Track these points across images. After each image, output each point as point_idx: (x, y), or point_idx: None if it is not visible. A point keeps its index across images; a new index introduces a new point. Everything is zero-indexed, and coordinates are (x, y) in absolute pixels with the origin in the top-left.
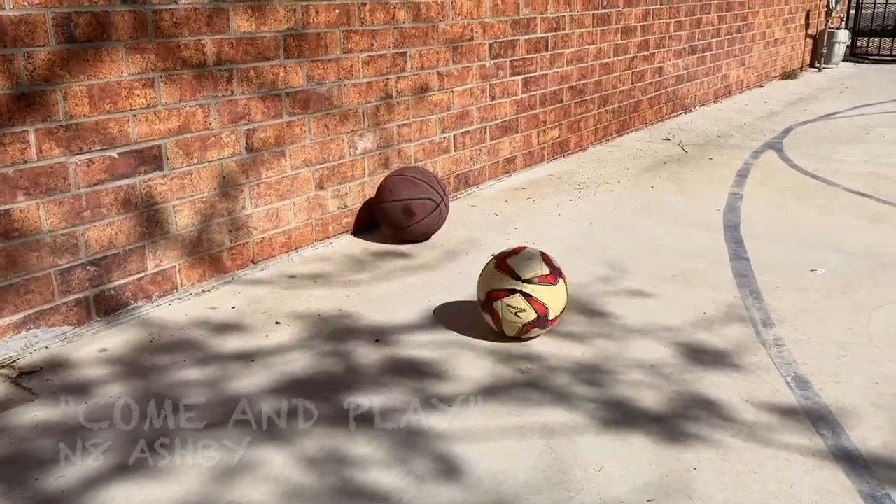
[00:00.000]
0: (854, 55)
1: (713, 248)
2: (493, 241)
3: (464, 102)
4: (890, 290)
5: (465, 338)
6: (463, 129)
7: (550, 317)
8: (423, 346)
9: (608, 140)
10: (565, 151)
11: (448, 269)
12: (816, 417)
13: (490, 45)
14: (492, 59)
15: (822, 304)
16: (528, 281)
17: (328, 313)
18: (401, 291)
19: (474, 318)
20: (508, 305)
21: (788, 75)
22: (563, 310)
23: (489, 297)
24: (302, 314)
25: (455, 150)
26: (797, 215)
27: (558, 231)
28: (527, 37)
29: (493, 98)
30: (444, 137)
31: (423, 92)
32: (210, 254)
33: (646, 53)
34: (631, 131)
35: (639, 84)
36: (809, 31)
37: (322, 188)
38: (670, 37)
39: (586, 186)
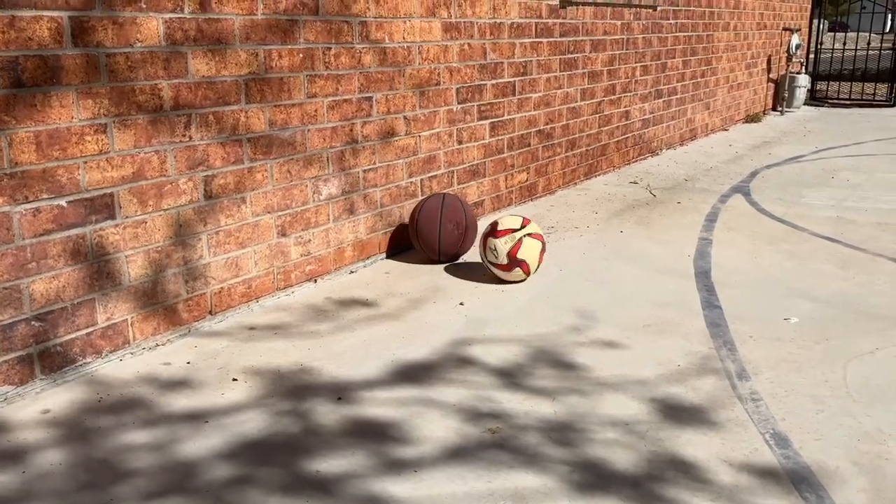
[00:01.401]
0: (814, 99)
1: (685, 296)
2: (460, 289)
3: (431, 147)
4: (863, 340)
5: (431, 393)
6: (430, 174)
7: (546, 240)
8: (386, 404)
9: (576, 183)
10: (533, 195)
11: (412, 318)
12: (798, 479)
13: (457, 89)
14: (459, 103)
15: (797, 355)
16: (522, 228)
17: (288, 368)
18: (364, 343)
19: (440, 371)
20: (527, 248)
21: (752, 118)
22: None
23: (511, 256)
24: (260, 369)
25: (422, 195)
26: (767, 261)
27: (529, 278)
28: (494, 81)
29: (460, 142)
30: (411, 182)
31: (389, 136)
32: (165, 305)
33: (612, 97)
34: (599, 174)
35: (606, 128)
36: (771, 76)
37: (284, 235)
38: (636, 81)
39: (555, 231)
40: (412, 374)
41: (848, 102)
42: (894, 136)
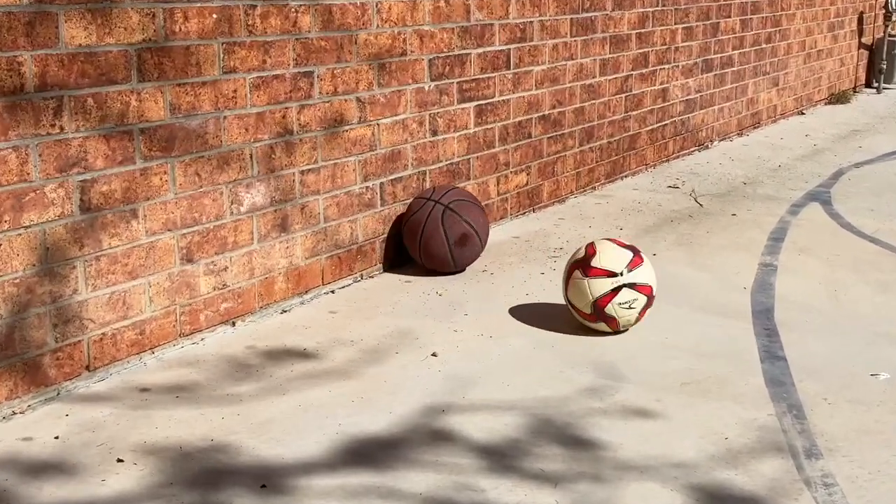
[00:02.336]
0: None
1: (738, 344)
2: (433, 335)
3: (394, 139)
4: None
5: (391, 480)
6: (393, 176)
7: (654, 292)
8: (330, 495)
9: (594, 188)
10: (536, 204)
11: (368, 376)
12: None
13: (430, 60)
14: (433, 79)
15: (887, 424)
16: (624, 273)
17: (195, 445)
18: (300, 410)
19: (405, 449)
20: (620, 304)
21: (838, 98)
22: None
23: (598, 307)
24: (156, 447)
25: (383, 205)
26: (852, 295)
27: (525, 319)
28: (481, 50)
29: (434, 133)
30: (367, 187)
31: (336, 125)
32: (25, 359)
33: (644, 71)
34: (626, 176)
35: (635, 112)
36: (864, 40)
37: (190, 261)
38: (677, 49)
39: (565, 254)
40: (366, 453)
41: None
42: None
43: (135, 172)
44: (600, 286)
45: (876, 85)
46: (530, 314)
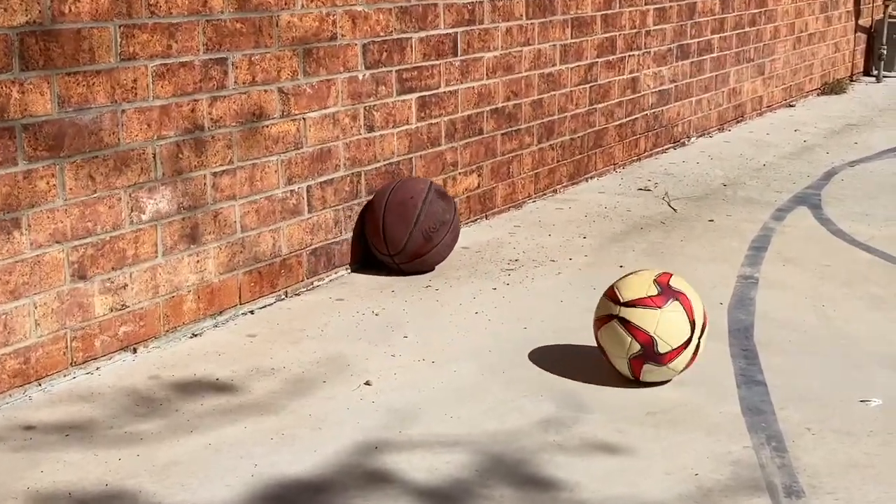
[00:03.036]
0: None
1: (712, 367)
2: (367, 361)
3: (323, 136)
4: None
5: None
6: (322, 178)
7: (661, 349)
8: None
9: (556, 191)
10: (489, 210)
11: (291, 409)
12: None
13: (364, 46)
14: (367, 68)
15: (877, 457)
16: (627, 304)
17: (87, 491)
18: (211, 451)
19: (334, 495)
20: (607, 335)
21: (832, 88)
22: (690, 343)
23: (595, 329)
24: (42, 494)
25: (310, 212)
26: (842, 312)
27: (473, 341)
28: (423, 34)
29: (370, 128)
30: (292, 191)
31: (255, 120)
32: None
33: (611, 59)
34: (591, 177)
35: (601, 105)
36: (861, 22)
37: (83, 278)
38: (648, 33)
39: (520, 266)
40: (285, 498)
41: None
42: None
43: (17, 176)
44: (602, 306)
45: (875, 73)
46: (480, 335)
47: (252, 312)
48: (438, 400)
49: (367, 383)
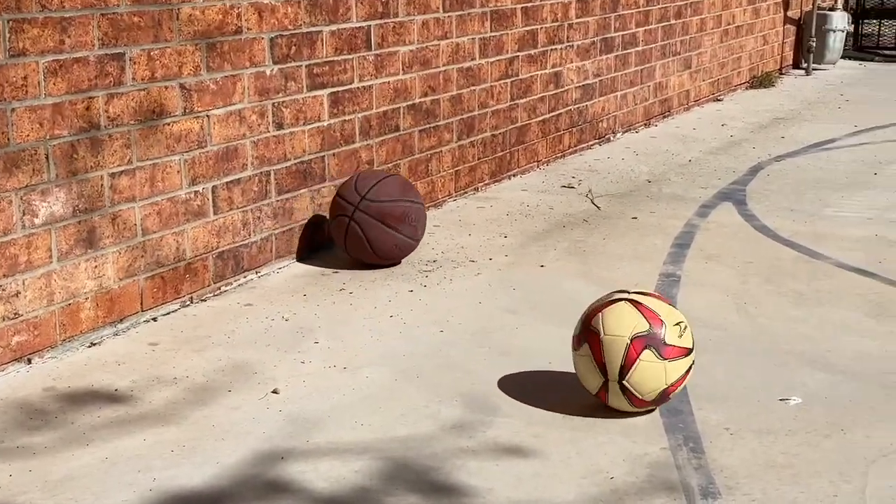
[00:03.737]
0: (859, 48)
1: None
2: (275, 369)
3: (229, 134)
4: None
5: None
6: (229, 178)
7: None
8: None
9: (477, 190)
10: None
11: (193, 420)
12: None
13: (271, 40)
14: (276, 62)
15: (796, 456)
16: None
17: None
18: (107, 463)
19: (230, 502)
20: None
21: (761, 82)
22: (607, 388)
23: (665, 395)
24: None
25: (216, 214)
26: (764, 309)
27: (387, 345)
28: (334, 27)
29: (280, 126)
30: (196, 192)
31: (155, 118)
32: None
33: (532, 52)
34: (514, 175)
35: (523, 101)
36: (790, 14)
37: None
38: (571, 26)
39: (438, 267)
40: None
41: None
42: None
43: None
44: (678, 368)
45: (804, 66)
46: (394, 340)
47: (155, 319)
48: (348, 407)
49: (275, 391)
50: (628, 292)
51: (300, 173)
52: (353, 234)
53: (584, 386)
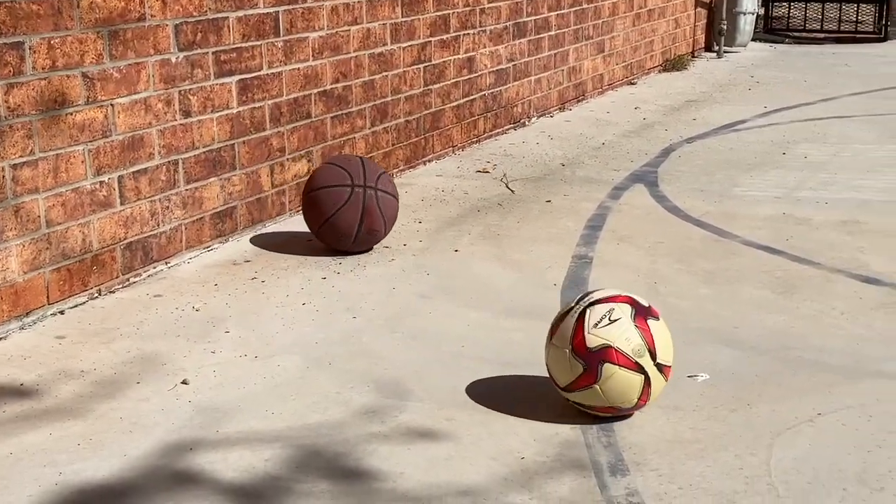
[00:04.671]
0: (769, 30)
1: (543, 350)
2: (185, 359)
3: (134, 123)
4: (801, 403)
5: None
6: (135, 168)
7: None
8: None
9: (392, 176)
10: None
11: (100, 413)
12: None
13: (176, 26)
14: (181, 49)
15: (702, 431)
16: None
17: None
18: (12, 459)
19: (142, 498)
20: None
21: (673, 65)
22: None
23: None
24: None
25: (122, 204)
26: (673, 288)
27: (300, 333)
28: (241, 13)
29: (187, 114)
30: (102, 182)
31: (57, 107)
32: None
33: (445, 38)
34: (429, 160)
35: (437, 86)
36: None
37: None
38: (483, 10)
39: (352, 254)
40: None
41: (820, 36)
42: (881, 88)
43: None
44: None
45: (716, 48)
46: (307, 328)
47: (62, 312)
48: (260, 396)
49: (184, 382)
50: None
51: (209, 162)
52: (371, 206)
53: (621, 398)
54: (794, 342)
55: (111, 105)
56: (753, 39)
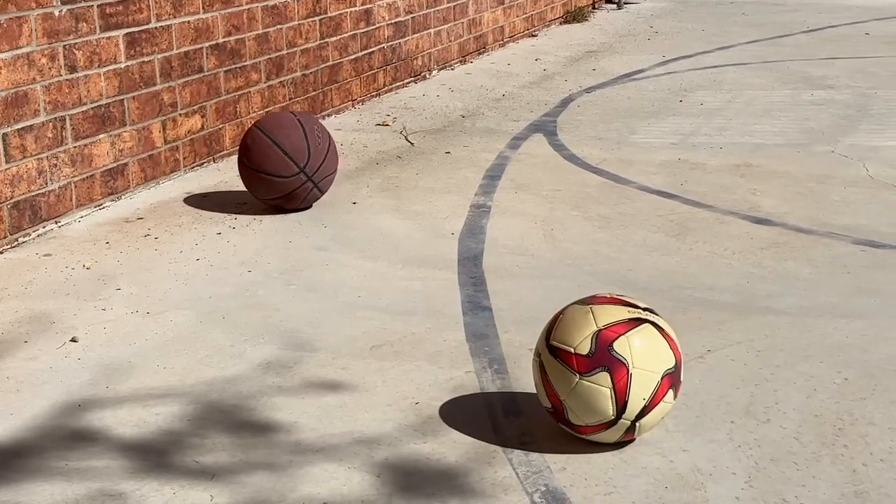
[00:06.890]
0: None
1: (439, 298)
2: (75, 317)
3: (17, 79)
4: (691, 340)
5: (8, 495)
6: (20, 125)
7: (573, 420)
8: None
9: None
10: (216, 153)
11: None
12: None
13: None
14: (64, 3)
15: None
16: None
17: None
18: None
19: (33, 458)
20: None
21: (574, 16)
22: (613, 425)
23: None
24: None
25: (8, 162)
26: (569, 234)
27: (193, 288)
28: None
29: (73, 69)
30: None
31: None
32: None
33: None
34: (329, 114)
35: (334, 39)
36: None
37: None
38: None
39: (249, 209)
40: None
41: None
42: (777, 36)
43: None
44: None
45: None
46: (200, 283)
47: None
48: (151, 352)
49: (74, 340)
50: (643, 310)
51: (98, 118)
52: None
53: (576, 415)
54: (686, 282)
55: None
56: None
